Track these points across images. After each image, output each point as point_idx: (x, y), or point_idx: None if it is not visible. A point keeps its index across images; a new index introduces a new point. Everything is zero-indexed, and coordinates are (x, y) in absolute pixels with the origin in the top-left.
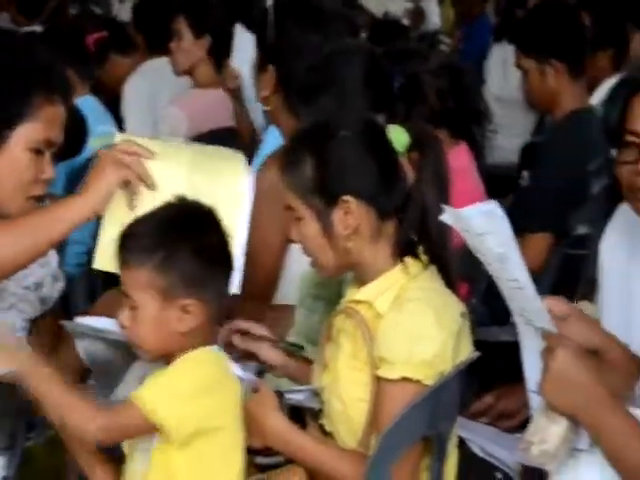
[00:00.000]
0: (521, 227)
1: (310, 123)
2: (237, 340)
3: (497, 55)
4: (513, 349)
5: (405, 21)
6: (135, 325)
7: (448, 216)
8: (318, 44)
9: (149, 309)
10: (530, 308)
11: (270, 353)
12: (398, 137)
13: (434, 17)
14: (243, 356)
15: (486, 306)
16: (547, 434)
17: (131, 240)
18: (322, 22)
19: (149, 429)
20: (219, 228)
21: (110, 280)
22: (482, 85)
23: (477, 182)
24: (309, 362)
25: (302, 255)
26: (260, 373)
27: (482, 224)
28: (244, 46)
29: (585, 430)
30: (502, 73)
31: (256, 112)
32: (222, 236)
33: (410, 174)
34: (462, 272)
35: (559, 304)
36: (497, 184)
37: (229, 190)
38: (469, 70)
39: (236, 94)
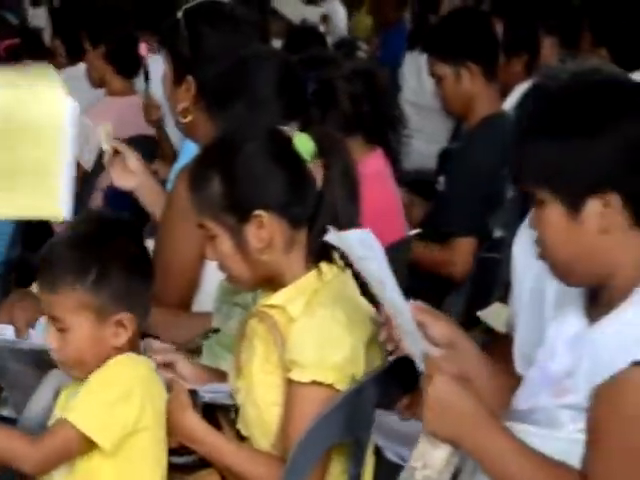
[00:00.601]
0: (446, 232)
1: (213, 140)
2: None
3: (412, 61)
4: None
5: (322, 28)
6: (66, 346)
7: (332, 237)
8: (234, 50)
9: (82, 330)
10: (409, 331)
11: (186, 368)
12: (303, 145)
13: (340, 23)
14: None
15: None
16: (430, 459)
17: (56, 264)
18: (236, 28)
19: (86, 447)
20: (138, 235)
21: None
22: (398, 91)
23: (393, 187)
24: (224, 375)
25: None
26: None
27: (361, 248)
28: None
29: (467, 454)
30: (417, 79)
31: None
32: (141, 242)
33: (319, 180)
34: None
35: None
36: (417, 189)
37: (44, 105)
38: (383, 75)
39: (159, 124)
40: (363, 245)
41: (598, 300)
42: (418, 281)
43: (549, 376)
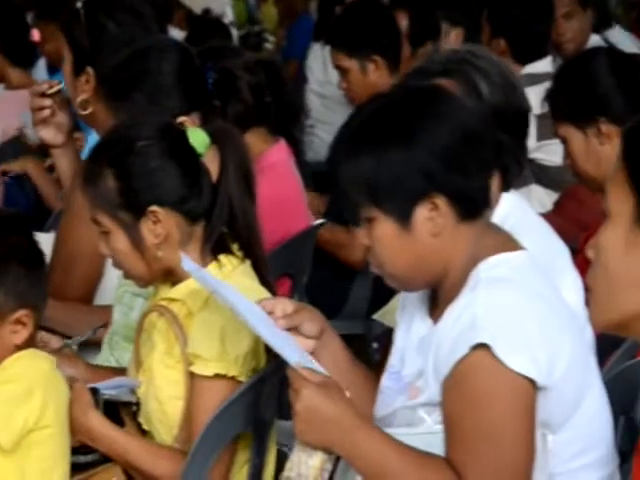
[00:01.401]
0: (349, 220)
1: (106, 136)
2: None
3: (318, 53)
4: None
5: (226, 19)
6: None
7: (186, 263)
8: (134, 41)
9: None
10: (277, 346)
11: (69, 366)
12: (197, 139)
13: (228, 11)
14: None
15: (310, 301)
16: (304, 468)
17: None
18: (135, 19)
19: None
20: (28, 230)
21: None
22: (305, 83)
23: (296, 177)
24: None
25: None
26: None
27: (207, 285)
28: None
29: (342, 458)
30: (323, 70)
31: None
32: (30, 235)
33: (215, 173)
34: (283, 268)
35: (284, 303)
36: (322, 180)
37: None
38: (284, 65)
39: None
40: (212, 282)
41: (439, 300)
42: (324, 271)
43: (403, 382)
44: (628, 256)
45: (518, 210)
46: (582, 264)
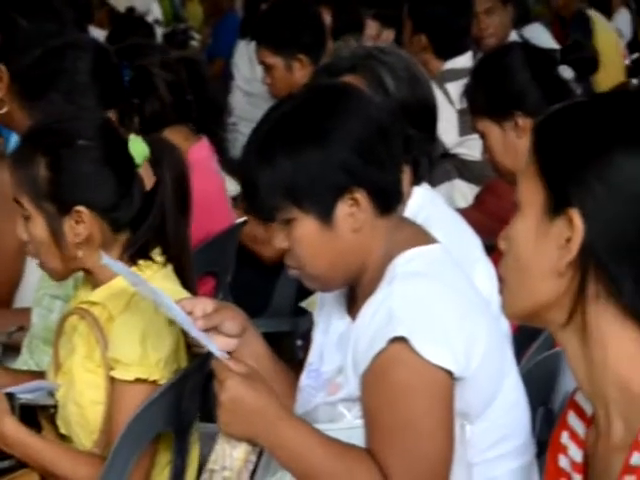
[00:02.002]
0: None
1: (47, 123)
2: None
3: (243, 50)
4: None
5: (151, 17)
6: None
7: (106, 261)
8: (48, 38)
9: None
10: (198, 337)
11: None
12: (137, 149)
13: (154, 9)
14: None
15: (235, 299)
16: (229, 460)
17: None
18: (51, 16)
19: None
20: None
21: None
22: (231, 80)
23: (218, 175)
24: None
25: None
26: None
27: (132, 277)
28: None
29: (266, 450)
30: (249, 67)
31: None
32: None
33: (149, 185)
34: (206, 266)
35: (204, 302)
36: None
37: None
38: (207, 63)
39: None
40: (133, 277)
41: (357, 296)
42: (249, 269)
43: (322, 378)
44: (538, 247)
45: (430, 203)
46: (498, 258)
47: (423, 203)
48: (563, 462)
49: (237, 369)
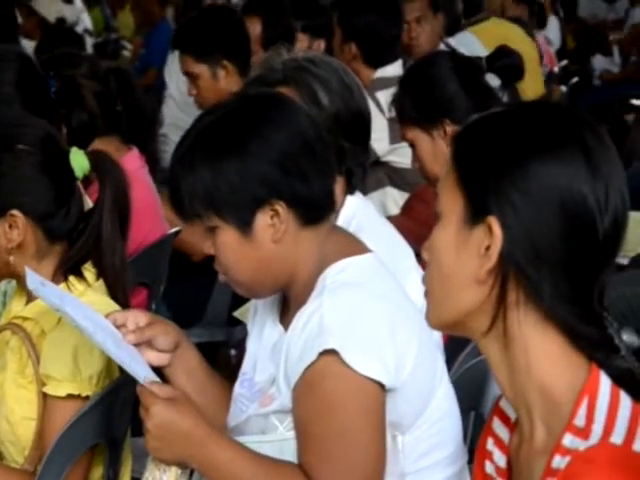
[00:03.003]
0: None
1: None
2: None
3: (177, 59)
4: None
5: (81, 27)
6: None
7: (30, 279)
8: None
9: None
10: (124, 361)
11: None
12: (78, 161)
13: (84, 19)
14: None
15: (170, 309)
16: None
17: None
18: None
19: None
20: None
21: None
22: (164, 89)
23: (150, 185)
24: None
25: None
26: None
27: (55, 300)
28: None
29: (197, 471)
30: (182, 77)
31: None
32: None
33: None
34: (139, 277)
35: (137, 315)
36: None
37: None
38: (134, 72)
39: None
40: (57, 297)
41: (289, 305)
42: (183, 278)
43: (255, 389)
44: (459, 256)
45: (362, 212)
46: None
47: (355, 212)
48: (489, 468)
49: (162, 394)
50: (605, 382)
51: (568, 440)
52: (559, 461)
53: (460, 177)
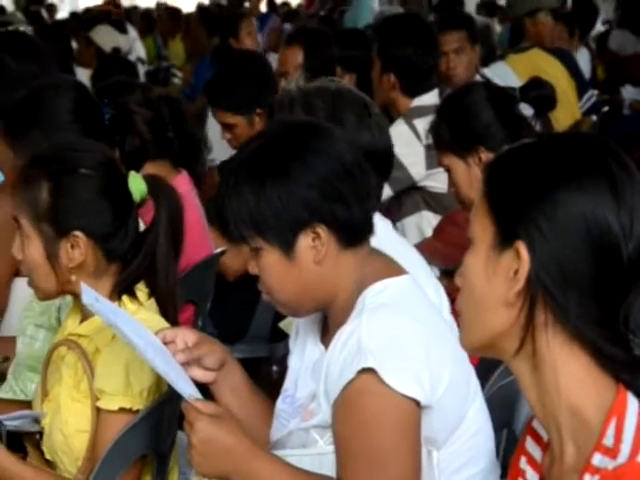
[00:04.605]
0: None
1: (53, 150)
2: None
3: None
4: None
5: (134, 56)
6: None
7: (86, 294)
8: (32, 78)
9: None
10: (172, 379)
11: None
12: (137, 185)
13: (138, 48)
14: None
15: (215, 325)
16: None
17: None
18: (35, 57)
19: None
20: None
21: None
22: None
23: (198, 208)
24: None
25: (27, 288)
26: None
27: (110, 316)
28: None
29: None
30: None
31: None
32: None
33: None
34: (186, 294)
35: (186, 334)
36: None
37: None
38: (184, 100)
39: None
40: (111, 313)
41: (330, 325)
42: (229, 296)
43: (296, 404)
44: (489, 279)
45: (382, 233)
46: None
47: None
48: None
49: (206, 410)
50: (632, 402)
51: (597, 459)
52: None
53: (491, 205)
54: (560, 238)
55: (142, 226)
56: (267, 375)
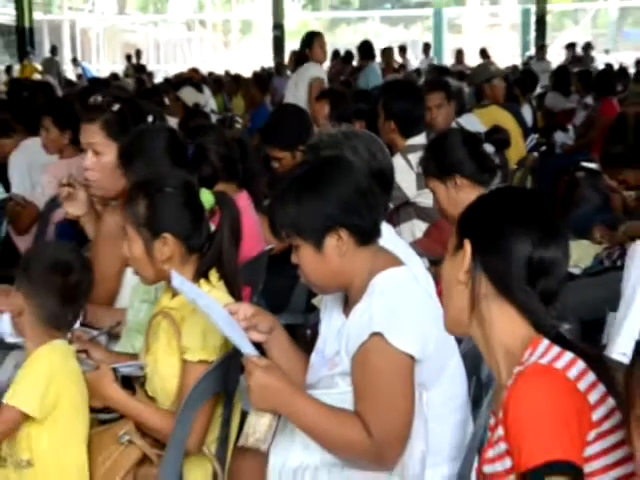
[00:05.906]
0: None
1: (148, 177)
2: (76, 343)
3: None
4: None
5: (208, 108)
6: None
7: (175, 278)
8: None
9: None
10: (238, 342)
11: (96, 353)
12: (206, 197)
13: (211, 103)
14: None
15: (265, 300)
16: (258, 426)
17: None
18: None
19: (23, 421)
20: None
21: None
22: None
23: (253, 217)
24: (127, 356)
25: (134, 276)
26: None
27: (191, 294)
28: None
29: (286, 418)
30: None
31: None
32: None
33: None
34: (246, 279)
35: (246, 308)
36: None
37: None
38: (248, 141)
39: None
40: (193, 292)
41: (350, 301)
42: (276, 280)
43: (325, 358)
44: (452, 271)
45: (385, 233)
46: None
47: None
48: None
49: (260, 363)
50: (545, 341)
51: (516, 370)
52: (509, 382)
53: (458, 230)
54: (493, 245)
55: (212, 228)
56: (303, 337)
